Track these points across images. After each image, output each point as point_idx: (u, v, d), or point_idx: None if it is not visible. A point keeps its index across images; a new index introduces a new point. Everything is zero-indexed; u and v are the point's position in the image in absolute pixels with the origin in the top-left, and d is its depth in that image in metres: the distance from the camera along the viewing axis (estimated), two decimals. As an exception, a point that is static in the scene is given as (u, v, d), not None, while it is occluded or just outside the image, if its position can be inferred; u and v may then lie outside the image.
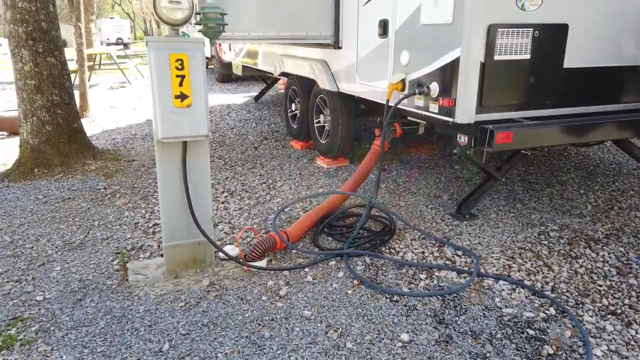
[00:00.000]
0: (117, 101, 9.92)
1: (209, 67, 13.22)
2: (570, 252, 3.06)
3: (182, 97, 2.70)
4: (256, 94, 10.01)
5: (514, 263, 2.93)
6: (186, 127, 2.74)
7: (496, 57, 2.86)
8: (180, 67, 2.68)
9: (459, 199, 3.95)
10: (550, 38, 2.96)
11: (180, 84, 2.69)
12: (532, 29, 2.89)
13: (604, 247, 3.10)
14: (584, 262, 2.93)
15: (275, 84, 9.67)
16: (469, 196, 3.62)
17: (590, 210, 3.69)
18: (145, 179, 4.70)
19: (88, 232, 3.51)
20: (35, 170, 4.78)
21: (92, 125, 7.32)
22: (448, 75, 2.95)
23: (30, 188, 4.46)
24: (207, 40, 2.88)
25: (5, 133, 6.72)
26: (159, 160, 2.76)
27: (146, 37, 2.68)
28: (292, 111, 6.12)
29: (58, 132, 4.91)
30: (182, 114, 2.72)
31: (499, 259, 2.98)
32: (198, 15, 2.96)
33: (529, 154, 3.27)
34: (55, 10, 4.88)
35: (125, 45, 34.02)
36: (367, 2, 3.84)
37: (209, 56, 12.76)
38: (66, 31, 14.66)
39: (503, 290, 2.64)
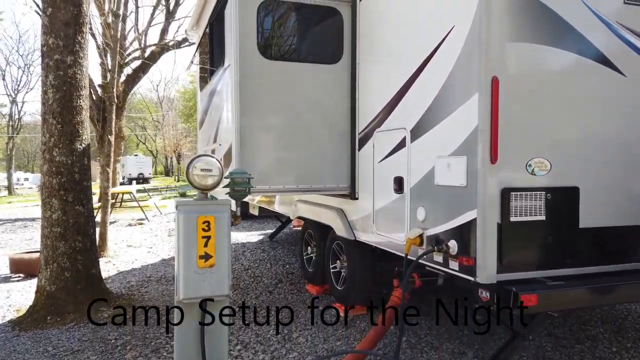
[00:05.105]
0: (135, 239, 10.10)
1: (233, 224, 13.59)
2: None
3: (206, 257, 2.77)
4: (271, 231, 10.17)
5: None
6: (207, 288, 2.76)
7: (512, 219, 2.94)
8: (206, 228, 2.79)
9: (484, 356, 3.76)
10: (563, 200, 3.06)
11: (206, 245, 2.77)
12: (544, 192, 3.01)
13: (650, 420, 2.85)
14: None
15: (290, 223, 9.87)
16: (497, 355, 3.44)
17: (627, 373, 3.47)
18: (158, 328, 4.58)
19: (95, 393, 3.34)
20: (48, 318, 4.71)
21: (108, 266, 7.37)
22: (466, 234, 3.01)
23: (40, 338, 4.35)
24: (233, 202, 3.03)
25: (22, 275, 6.76)
26: (176, 331, 2.73)
27: (176, 200, 2.83)
28: (307, 254, 6.15)
29: (76, 279, 4.93)
30: (204, 274, 2.77)
31: None
32: (226, 179, 3.16)
33: (555, 315, 3.18)
34: (89, 162, 5.24)
35: (146, 180, 35.66)
36: (382, 160, 4.08)
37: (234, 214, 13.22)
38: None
39: None
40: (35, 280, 5.29)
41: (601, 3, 3.18)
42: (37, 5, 10.98)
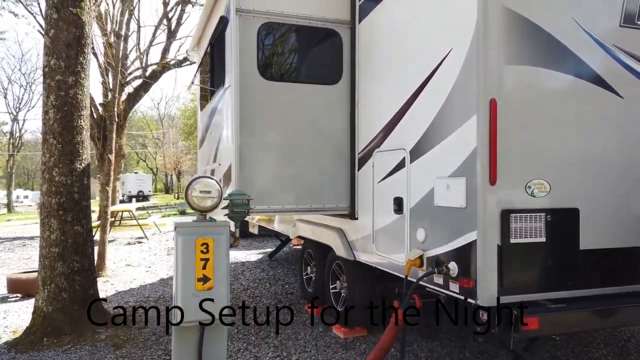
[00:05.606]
0: (133, 258, 10.05)
1: (233, 246, 13.55)
2: None
3: (205, 279, 2.75)
4: (270, 250, 10.11)
5: None
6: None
7: (512, 240, 2.93)
8: (205, 250, 2.77)
9: (486, 379, 3.70)
10: (563, 221, 3.05)
11: (204, 267, 2.76)
12: (544, 214, 3.01)
13: None
14: None
15: (290, 241, 9.81)
16: (498, 379, 3.40)
17: (631, 397, 3.41)
18: (155, 349, 4.52)
19: (90, 418, 3.28)
20: (45, 339, 4.66)
21: (107, 286, 7.31)
22: (466, 256, 2.99)
23: (36, 361, 4.30)
24: (232, 223, 3.02)
25: (20, 295, 6.70)
26: (175, 345, 2.70)
27: (175, 222, 2.82)
28: (307, 274, 6.11)
29: (73, 299, 4.89)
30: (202, 297, 2.74)
31: None
32: (225, 201, 3.15)
33: (557, 338, 3.15)
34: (88, 182, 5.23)
35: (145, 198, 35.62)
36: (381, 180, 4.08)
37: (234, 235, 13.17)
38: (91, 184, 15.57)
39: None
40: (32, 301, 5.25)
41: (597, 26, 3.22)
42: (40, 26, 11.11)
